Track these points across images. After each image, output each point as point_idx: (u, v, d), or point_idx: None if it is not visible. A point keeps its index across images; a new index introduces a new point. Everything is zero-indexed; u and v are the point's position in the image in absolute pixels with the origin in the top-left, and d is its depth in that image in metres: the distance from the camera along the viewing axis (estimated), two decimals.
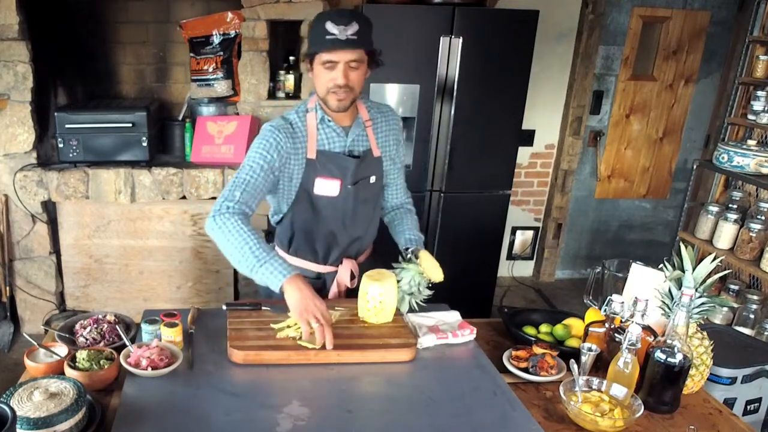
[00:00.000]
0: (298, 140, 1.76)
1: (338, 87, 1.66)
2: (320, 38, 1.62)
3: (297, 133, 1.76)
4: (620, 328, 1.62)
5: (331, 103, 1.70)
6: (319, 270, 1.94)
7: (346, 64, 1.65)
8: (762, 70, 3.29)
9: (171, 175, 3.22)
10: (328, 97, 1.70)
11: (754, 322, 3.08)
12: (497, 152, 3.40)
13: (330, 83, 1.66)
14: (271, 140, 1.73)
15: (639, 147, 4.33)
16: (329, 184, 1.77)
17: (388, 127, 1.90)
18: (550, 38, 3.95)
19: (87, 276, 3.42)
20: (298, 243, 1.91)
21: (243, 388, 1.50)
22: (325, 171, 1.77)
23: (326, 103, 1.72)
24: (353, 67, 1.67)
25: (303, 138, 1.76)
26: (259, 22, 3.20)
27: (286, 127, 1.75)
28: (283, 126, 1.75)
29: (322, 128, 1.78)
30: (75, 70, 3.53)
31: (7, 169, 3.20)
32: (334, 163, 1.78)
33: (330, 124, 1.78)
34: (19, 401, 1.28)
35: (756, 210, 3.15)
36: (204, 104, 3.49)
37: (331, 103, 1.70)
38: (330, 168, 1.77)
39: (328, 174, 1.77)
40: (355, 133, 1.82)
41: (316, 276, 1.94)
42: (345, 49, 1.63)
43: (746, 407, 2.06)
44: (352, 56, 1.65)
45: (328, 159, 1.77)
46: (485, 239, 3.54)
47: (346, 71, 1.65)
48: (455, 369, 1.64)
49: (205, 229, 1.72)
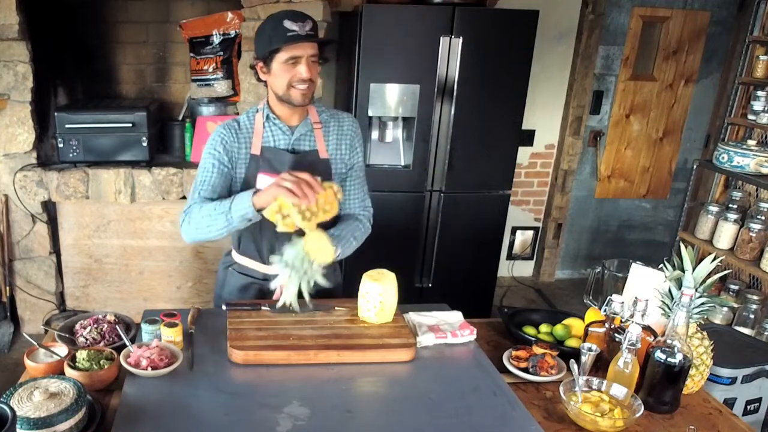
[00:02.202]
0: (242, 137, 1.80)
1: (302, 81, 1.69)
2: (281, 36, 1.66)
3: (243, 131, 1.81)
4: (620, 328, 1.62)
5: (295, 98, 1.72)
6: (265, 271, 1.90)
7: (308, 58, 1.69)
8: (762, 70, 3.29)
9: (171, 175, 3.22)
10: (291, 92, 1.72)
11: (754, 322, 3.08)
12: (497, 152, 3.40)
13: (294, 78, 1.69)
14: (217, 138, 1.80)
15: (639, 147, 4.33)
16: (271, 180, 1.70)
17: (341, 132, 1.90)
18: (550, 38, 3.95)
19: (87, 276, 3.42)
20: (245, 243, 1.91)
21: (243, 388, 1.50)
22: (267, 167, 1.78)
23: (289, 99, 1.73)
24: (314, 62, 1.72)
25: (248, 135, 1.81)
26: (259, 22, 3.19)
27: (232, 125, 1.82)
28: (230, 124, 1.82)
29: (268, 126, 1.82)
30: (75, 70, 3.53)
31: (7, 169, 3.20)
32: (277, 158, 1.80)
33: (276, 122, 1.81)
34: (19, 401, 1.28)
35: (756, 210, 3.15)
36: (204, 104, 3.49)
37: (296, 98, 1.72)
38: (272, 164, 1.79)
39: (270, 170, 1.77)
40: (300, 132, 1.83)
41: (263, 277, 1.91)
42: (307, 43, 1.68)
43: (746, 407, 2.06)
44: (313, 50, 1.71)
45: (271, 154, 1.80)
46: (485, 239, 3.55)
47: (308, 65, 1.70)
48: (455, 369, 1.64)
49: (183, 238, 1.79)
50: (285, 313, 1.75)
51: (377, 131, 3.39)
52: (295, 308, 1.67)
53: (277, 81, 1.72)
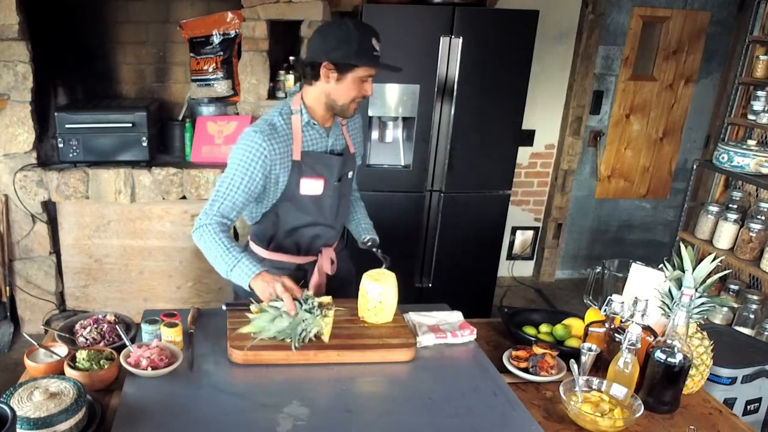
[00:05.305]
0: (281, 143, 1.76)
1: (363, 98, 1.76)
2: (368, 54, 1.68)
3: (280, 135, 1.76)
4: (620, 328, 1.62)
5: (351, 111, 1.78)
6: (299, 262, 1.96)
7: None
8: (762, 70, 3.29)
9: (171, 175, 3.22)
10: (350, 106, 1.77)
11: (754, 322, 3.08)
12: (497, 152, 3.40)
13: (359, 94, 1.74)
14: (256, 153, 1.72)
15: (639, 147, 4.33)
16: (314, 184, 1.81)
17: (356, 126, 2.00)
18: (550, 38, 3.95)
19: (87, 276, 3.42)
20: (279, 240, 1.93)
21: (243, 388, 1.50)
22: (310, 171, 1.81)
23: (345, 111, 1.77)
24: None
25: (288, 140, 1.77)
26: (259, 22, 3.20)
27: (270, 134, 1.74)
28: (268, 134, 1.74)
29: (306, 130, 1.81)
30: (75, 70, 3.53)
31: (7, 169, 3.20)
32: (320, 162, 1.82)
33: (315, 126, 1.82)
34: (19, 401, 1.28)
35: (756, 210, 3.15)
36: (204, 104, 3.49)
37: (351, 112, 1.79)
38: (315, 167, 1.81)
39: (313, 174, 1.81)
40: (335, 133, 1.88)
41: (296, 267, 1.96)
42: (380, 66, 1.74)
43: (746, 407, 2.06)
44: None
45: (313, 159, 1.81)
46: (485, 239, 3.55)
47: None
48: (455, 369, 1.64)
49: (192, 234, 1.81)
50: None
51: (377, 131, 3.39)
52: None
53: (344, 92, 1.73)
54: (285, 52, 3.46)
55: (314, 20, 3.19)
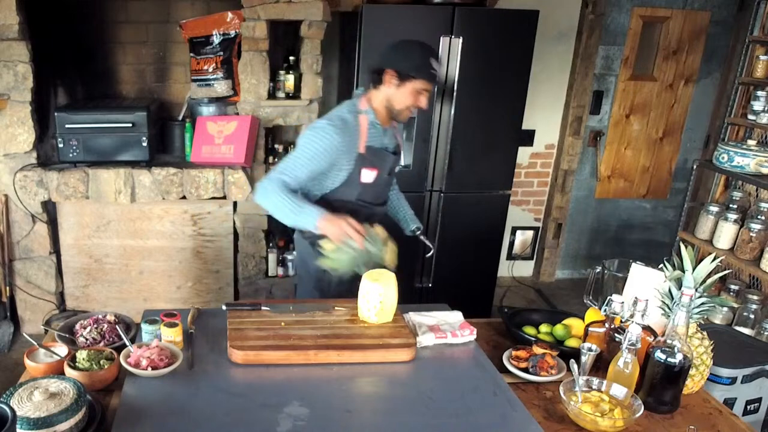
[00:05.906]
0: (349, 137, 2.01)
1: (418, 108, 2.03)
2: (426, 70, 1.96)
3: (349, 130, 2.02)
4: (620, 328, 1.62)
5: (404, 117, 2.07)
6: None
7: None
8: (762, 70, 3.29)
9: (171, 175, 3.22)
10: (404, 112, 2.04)
11: (754, 322, 3.08)
12: (497, 152, 3.40)
13: (413, 104, 2.01)
14: (327, 141, 1.96)
15: (639, 147, 4.33)
16: (370, 174, 2.10)
17: (400, 127, 2.32)
18: (550, 38, 3.95)
19: (87, 276, 3.42)
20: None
21: (243, 388, 1.50)
22: (368, 163, 2.08)
23: (399, 116, 2.05)
24: None
25: (354, 134, 2.03)
26: (259, 22, 3.20)
27: (343, 129, 2.00)
28: (341, 129, 1.99)
29: (370, 128, 2.08)
30: (75, 70, 3.53)
31: (7, 169, 3.19)
32: (379, 157, 2.10)
33: (377, 126, 2.09)
34: (19, 401, 1.28)
35: (756, 210, 3.15)
36: (204, 104, 3.49)
37: (404, 118, 2.07)
38: (373, 161, 2.09)
39: (371, 165, 2.09)
40: (389, 133, 2.16)
41: None
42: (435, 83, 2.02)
43: (746, 407, 2.06)
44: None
45: (373, 154, 2.08)
46: (485, 239, 3.55)
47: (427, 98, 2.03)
48: (455, 369, 1.64)
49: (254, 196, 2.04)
50: (285, 313, 1.76)
51: None
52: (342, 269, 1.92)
53: (401, 99, 2.00)
54: (285, 52, 3.47)
55: (314, 20, 3.20)
